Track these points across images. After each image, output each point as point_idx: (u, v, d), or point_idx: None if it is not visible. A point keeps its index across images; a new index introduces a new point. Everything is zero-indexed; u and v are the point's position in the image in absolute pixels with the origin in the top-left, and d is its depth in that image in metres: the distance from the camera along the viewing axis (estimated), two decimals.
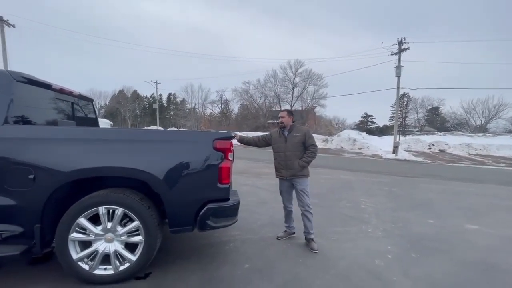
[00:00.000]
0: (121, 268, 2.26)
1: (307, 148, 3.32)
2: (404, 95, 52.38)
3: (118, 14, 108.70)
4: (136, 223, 2.26)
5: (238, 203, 2.59)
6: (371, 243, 3.40)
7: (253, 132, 31.63)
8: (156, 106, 37.41)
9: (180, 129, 26.36)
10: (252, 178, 7.99)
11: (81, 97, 3.39)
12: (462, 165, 14.06)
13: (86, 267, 2.21)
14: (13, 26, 16.39)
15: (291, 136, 3.34)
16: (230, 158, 2.51)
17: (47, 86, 2.69)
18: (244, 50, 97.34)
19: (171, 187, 2.29)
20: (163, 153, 2.33)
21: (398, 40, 19.29)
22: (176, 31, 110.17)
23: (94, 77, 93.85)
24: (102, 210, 2.20)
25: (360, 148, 22.97)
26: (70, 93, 3.11)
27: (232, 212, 2.52)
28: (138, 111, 67.90)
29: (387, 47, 19.96)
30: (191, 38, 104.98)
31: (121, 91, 66.52)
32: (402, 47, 19.14)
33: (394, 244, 3.37)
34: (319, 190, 6.37)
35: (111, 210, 2.23)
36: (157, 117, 37.11)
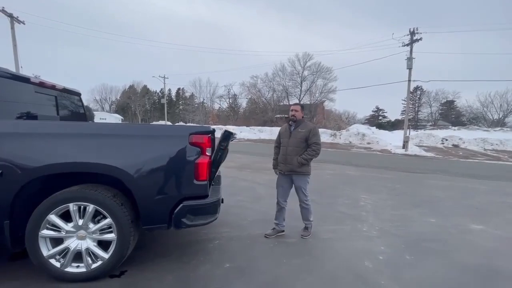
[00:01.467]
0: (94, 266, 2.20)
1: (309, 146, 3.24)
2: (417, 88, 50.79)
3: (127, 10, 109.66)
4: (108, 220, 2.18)
5: (218, 200, 2.49)
6: (364, 243, 3.23)
7: (261, 127, 31.43)
8: (164, 101, 37.71)
9: (155, 123, 25.76)
10: (253, 173, 7.88)
11: (66, 91, 3.34)
12: (476, 160, 13.49)
13: (58, 264, 2.16)
14: (23, 23, 16.72)
15: (296, 132, 3.28)
16: (208, 154, 2.38)
17: (24, 79, 2.63)
18: (252, 43, 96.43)
19: (143, 183, 2.20)
20: (135, 148, 2.23)
21: (410, 31, 18.52)
22: (184, 26, 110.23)
23: (105, 72, 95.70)
24: (72, 206, 2.13)
25: (369, 143, 22.43)
26: (53, 87, 3.05)
27: (210, 209, 2.42)
28: (148, 106, 68.76)
29: (399, 38, 19.24)
30: (199, 32, 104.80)
31: (131, 86, 67.45)
32: (414, 38, 18.37)
33: (388, 244, 3.19)
34: (319, 186, 6.19)
35: (82, 207, 2.16)
36: (165, 112, 37.42)
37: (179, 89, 69.33)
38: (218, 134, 2.58)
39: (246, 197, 5.15)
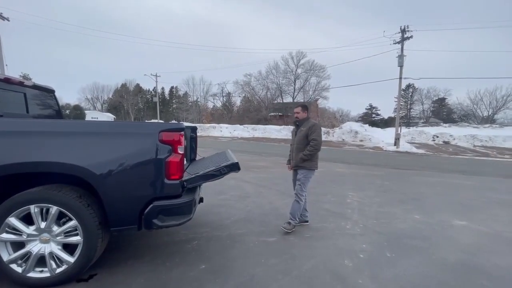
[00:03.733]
0: (58, 270, 2.09)
1: (309, 142, 3.39)
2: (409, 86, 51.34)
3: (120, 7, 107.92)
4: (73, 222, 2.08)
5: (192, 200, 2.39)
6: (346, 241, 3.19)
7: (254, 125, 31.31)
8: (156, 99, 37.28)
9: (123, 121, 25.12)
10: (242, 171, 7.73)
11: (37, 87, 3.20)
12: (465, 157, 13.65)
13: (19, 270, 2.05)
14: (7, 19, 16.25)
15: (299, 131, 3.52)
16: (180, 152, 2.29)
17: None
18: (247, 41, 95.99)
19: (110, 183, 2.10)
20: (102, 147, 2.13)
21: (401, 28, 18.61)
22: (177, 24, 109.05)
23: (97, 71, 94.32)
24: (33, 208, 2.02)
25: (361, 141, 22.55)
26: (20, 83, 2.91)
27: (183, 210, 2.32)
28: (141, 104, 67.98)
29: (390, 36, 19.34)
30: (193, 30, 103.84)
31: (123, 85, 66.52)
32: (405, 36, 18.48)
33: (370, 242, 3.15)
34: None
35: (44, 209, 2.05)
36: (158, 110, 37.01)
37: (172, 87, 68.79)
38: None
39: (232, 196, 5.07)
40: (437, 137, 23.13)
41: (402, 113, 49.02)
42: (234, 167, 2.63)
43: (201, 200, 3.39)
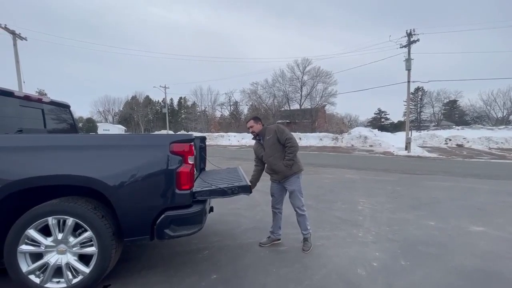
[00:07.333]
0: (74, 281, 2.15)
1: (284, 145, 3.12)
2: (418, 89, 50.60)
3: (128, 21, 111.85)
4: (88, 233, 2.14)
5: (202, 210, 2.42)
6: (359, 249, 3.13)
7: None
8: (165, 110, 38.01)
9: (135, 133, 25.19)
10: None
11: (54, 103, 3.35)
12: (480, 160, 13.25)
13: (37, 280, 2.11)
14: (25, 39, 17.08)
15: (266, 141, 3.22)
16: (191, 162, 2.35)
17: (7, 93, 2.64)
18: (252, 50, 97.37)
19: (124, 194, 2.16)
20: (115, 159, 2.21)
21: (407, 32, 18.53)
22: (184, 36, 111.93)
23: (108, 84, 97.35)
24: (51, 220, 2.10)
25: (371, 146, 22.25)
26: (39, 100, 3.06)
27: (194, 219, 2.36)
28: (151, 116, 69.36)
29: (396, 40, 19.24)
30: (199, 41, 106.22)
31: (133, 97, 68.24)
32: (412, 39, 18.36)
33: (383, 250, 3.09)
34: (316, 191, 6.10)
35: (61, 220, 2.13)
36: (167, 121, 37.68)
37: (180, 98, 70.00)
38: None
39: (242, 205, 5.07)
40: (450, 140, 22.58)
41: (412, 117, 48.23)
42: (247, 189, 2.64)
43: (211, 209, 3.42)
